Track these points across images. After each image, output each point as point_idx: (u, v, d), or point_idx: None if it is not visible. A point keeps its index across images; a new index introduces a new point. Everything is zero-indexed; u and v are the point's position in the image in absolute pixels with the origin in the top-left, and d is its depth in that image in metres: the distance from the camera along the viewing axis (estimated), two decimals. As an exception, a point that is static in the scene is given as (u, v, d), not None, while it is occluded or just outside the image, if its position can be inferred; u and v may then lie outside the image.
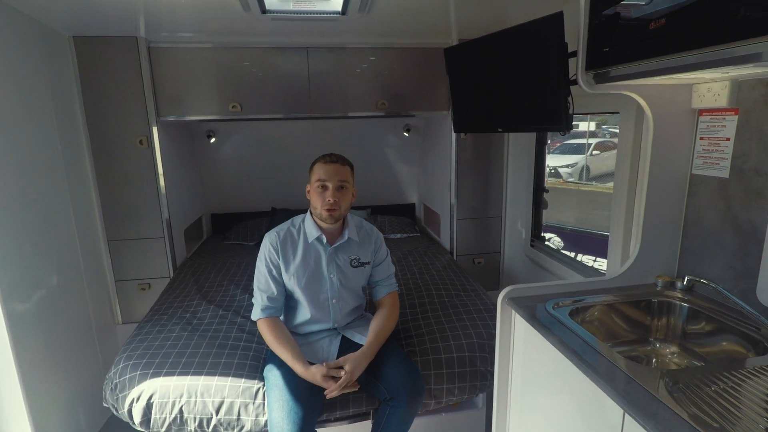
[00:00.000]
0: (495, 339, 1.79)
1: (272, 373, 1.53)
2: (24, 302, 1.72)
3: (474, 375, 1.71)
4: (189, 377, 1.59)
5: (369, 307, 1.92)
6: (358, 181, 1.72)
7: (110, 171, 2.40)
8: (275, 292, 1.62)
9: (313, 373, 1.47)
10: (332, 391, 1.46)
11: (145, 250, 2.54)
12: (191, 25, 2.21)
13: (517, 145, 2.67)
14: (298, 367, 1.49)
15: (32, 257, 1.81)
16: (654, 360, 1.38)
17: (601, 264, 4.53)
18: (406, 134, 3.35)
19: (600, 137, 11.99)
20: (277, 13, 1.94)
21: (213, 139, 3.16)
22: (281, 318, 1.70)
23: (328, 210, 1.57)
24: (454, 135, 2.63)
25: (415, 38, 2.51)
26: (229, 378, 1.59)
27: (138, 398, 1.55)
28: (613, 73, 1.26)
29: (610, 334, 1.40)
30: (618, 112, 1.72)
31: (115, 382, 1.62)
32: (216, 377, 1.59)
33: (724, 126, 1.31)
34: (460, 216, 2.79)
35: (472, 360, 1.73)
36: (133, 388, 1.57)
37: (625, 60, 1.19)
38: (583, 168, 10.59)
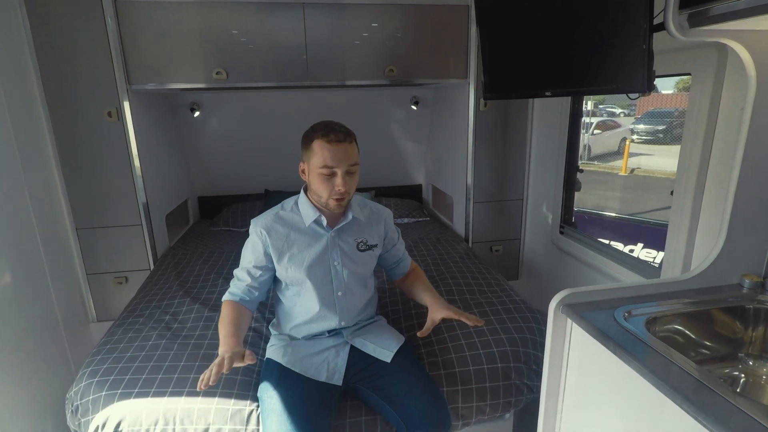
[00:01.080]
0: (530, 345, 1.54)
1: (268, 393, 1.24)
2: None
3: (508, 390, 1.44)
4: (166, 398, 1.30)
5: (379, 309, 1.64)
6: (361, 162, 1.39)
7: (75, 149, 2.06)
8: (252, 286, 1.37)
9: (231, 353, 1.11)
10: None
11: (121, 240, 2.23)
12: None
13: (544, 117, 2.35)
14: (223, 345, 1.18)
15: (-26, 252, 1.50)
16: (742, 380, 1.11)
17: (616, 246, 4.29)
18: (414, 107, 3.01)
19: (599, 116, 11.69)
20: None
21: (197, 113, 2.81)
22: (271, 323, 1.44)
23: (338, 200, 1.28)
24: (472, 107, 2.31)
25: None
26: (216, 399, 1.30)
27: (104, 425, 1.26)
28: (714, 12, 0.95)
29: (688, 350, 1.12)
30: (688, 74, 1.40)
31: (76, 403, 1.34)
32: (199, 398, 1.30)
33: None
34: (476, 199, 2.49)
35: (505, 372, 1.45)
36: (98, 412, 1.28)
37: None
38: (584, 147, 10.32)
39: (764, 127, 1.09)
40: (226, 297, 1.38)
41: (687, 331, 1.11)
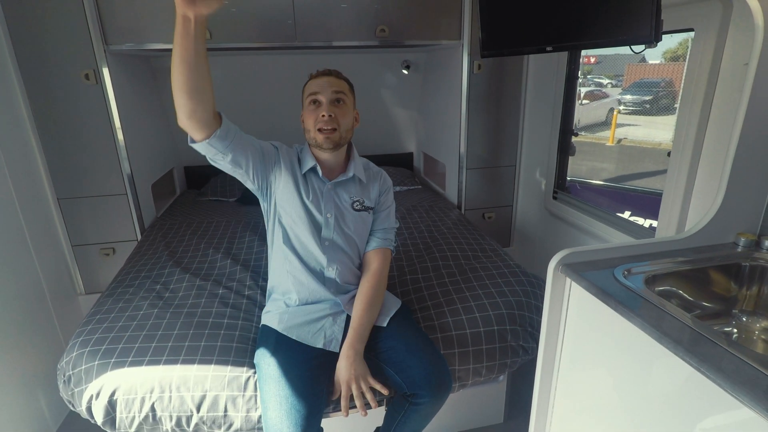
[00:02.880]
0: (526, 308, 1.55)
1: (266, 360, 1.23)
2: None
3: (504, 351, 1.46)
4: (161, 366, 1.28)
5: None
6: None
7: (52, 114, 1.96)
8: (241, 132, 1.21)
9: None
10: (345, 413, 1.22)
11: (106, 210, 2.15)
12: None
13: (539, 80, 2.30)
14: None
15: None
16: (735, 336, 1.13)
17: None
18: (405, 72, 2.92)
19: (587, 87, 11.60)
20: None
21: (180, 78, 2.68)
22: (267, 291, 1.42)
23: (323, 130, 1.26)
24: (466, 70, 2.25)
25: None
26: (212, 366, 1.29)
27: (98, 394, 1.25)
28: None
29: (685, 306, 1.14)
30: (691, 30, 1.37)
31: (68, 374, 1.31)
32: (195, 365, 1.29)
33: None
34: (469, 165, 2.46)
35: (501, 334, 1.46)
36: (91, 382, 1.26)
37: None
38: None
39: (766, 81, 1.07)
40: None
41: (684, 289, 1.12)
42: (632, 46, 1.13)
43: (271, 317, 1.36)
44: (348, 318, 1.34)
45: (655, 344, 0.86)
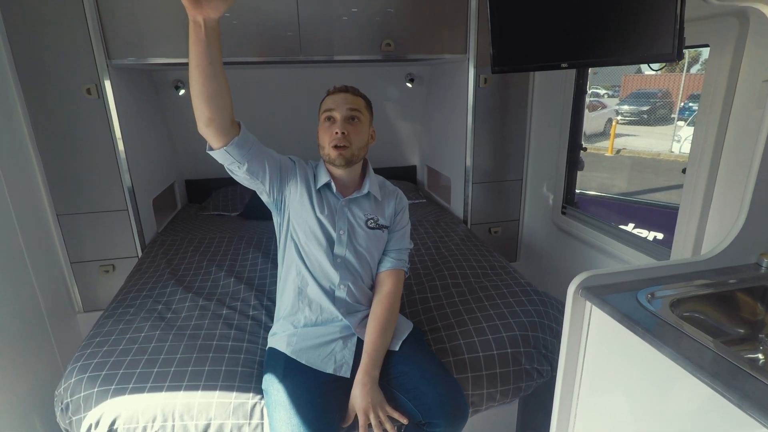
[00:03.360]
0: (539, 329, 1.51)
1: (274, 386, 1.18)
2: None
3: (518, 375, 1.41)
4: (163, 393, 1.23)
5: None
6: None
7: (52, 129, 1.92)
8: (258, 143, 1.21)
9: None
10: None
11: (106, 226, 2.11)
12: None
13: (545, 94, 2.28)
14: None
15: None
16: (762, 362, 1.09)
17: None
18: (409, 85, 2.91)
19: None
20: None
21: (182, 91, 2.66)
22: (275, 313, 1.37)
23: (337, 148, 1.24)
24: (472, 84, 2.23)
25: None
26: (216, 392, 1.24)
27: (97, 423, 1.19)
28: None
29: (709, 332, 1.09)
30: (706, 45, 1.35)
31: (66, 401, 1.25)
32: (199, 392, 1.24)
33: None
34: (475, 180, 2.43)
35: (515, 357, 1.42)
36: (90, 410, 1.21)
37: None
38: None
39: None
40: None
41: (708, 313, 1.08)
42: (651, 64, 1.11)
43: (279, 340, 1.31)
44: (359, 341, 1.29)
45: (679, 370, 0.82)
